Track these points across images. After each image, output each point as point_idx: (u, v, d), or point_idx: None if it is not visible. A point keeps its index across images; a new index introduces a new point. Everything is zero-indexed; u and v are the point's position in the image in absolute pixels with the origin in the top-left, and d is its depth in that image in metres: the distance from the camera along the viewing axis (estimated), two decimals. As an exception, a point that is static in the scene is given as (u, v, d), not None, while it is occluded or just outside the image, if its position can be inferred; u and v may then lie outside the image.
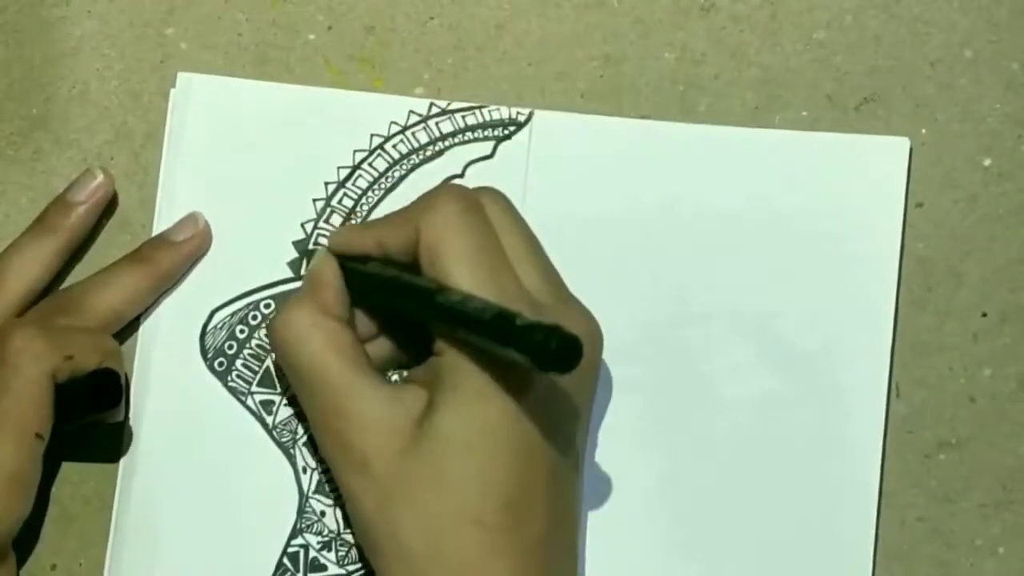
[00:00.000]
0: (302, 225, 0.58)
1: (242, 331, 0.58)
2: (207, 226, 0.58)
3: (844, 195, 0.58)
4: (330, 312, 0.53)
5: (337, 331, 0.52)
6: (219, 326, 0.58)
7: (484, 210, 0.52)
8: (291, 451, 0.58)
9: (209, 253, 0.58)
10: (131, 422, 0.57)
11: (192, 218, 0.58)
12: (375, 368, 0.53)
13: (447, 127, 0.59)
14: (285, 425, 0.58)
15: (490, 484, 0.49)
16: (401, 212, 0.53)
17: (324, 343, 0.52)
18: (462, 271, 0.50)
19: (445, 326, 0.50)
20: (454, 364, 0.50)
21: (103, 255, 0.59)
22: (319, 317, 0.52)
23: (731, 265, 0.58)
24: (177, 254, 0.57)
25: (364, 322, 0.55)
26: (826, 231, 0.58)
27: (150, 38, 0.60)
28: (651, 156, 0.58)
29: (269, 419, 0.58)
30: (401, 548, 0.50)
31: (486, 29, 0.60)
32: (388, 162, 0.59)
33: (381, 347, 0.55)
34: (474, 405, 0.49)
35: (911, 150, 0.58)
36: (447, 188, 0.53)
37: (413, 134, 0.59)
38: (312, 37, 0.60)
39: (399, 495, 0.50)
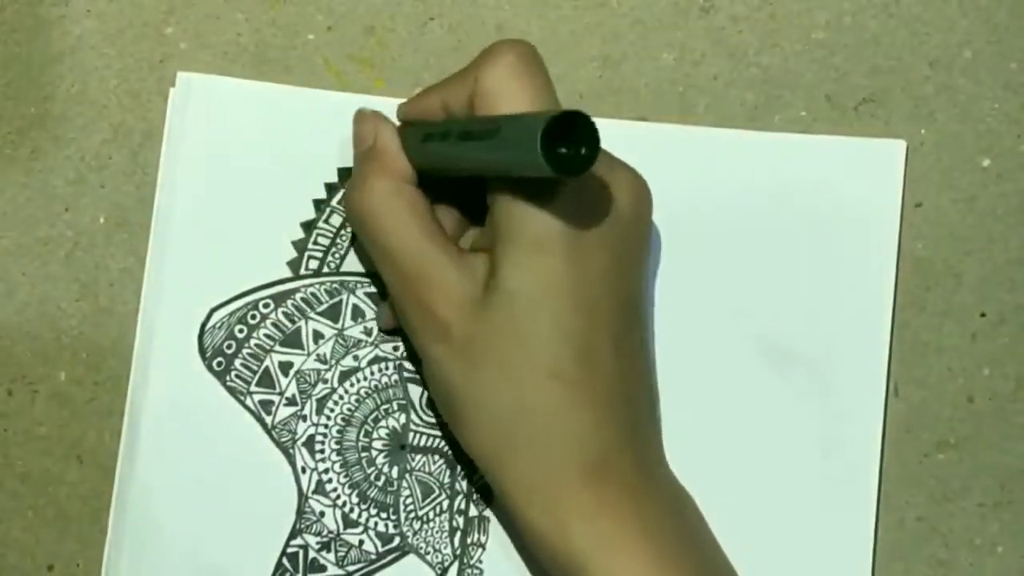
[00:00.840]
0: (301, 225, 0.58)
1: (241, 331, 0.58)
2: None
3: (841, 197, 0.58)
4: (405, 178, 0.53)
5: (416, 197, 0.53)
6: (218, 325, 0.58)
7: (541, 58, 0.52)
8: (290, 451, 0.57)
9: (208, 253, 0.58)
10: (129, 421, 0.57)
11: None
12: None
13: (446, 127, 0.59)
14: (284, 425, 0.58)
15: (562, 336, 0.50)
16: (461, 71, 0.53)
17: (406, 210, 0.52)
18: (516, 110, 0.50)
19: (497, 182, 0.50)
20: (509, 217, 0.50)
21: (101, 254, 0.59)
22: (398, 184, 0.53)
23: (729, 266, 0.58)
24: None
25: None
26: (824, 233, 0.58)
27: (149, 37, 0.60)
28: (649, 158, 0.58)
29: (268, 419, 0.58)
30: (487, 410, 0.51)
31: (486, 30, 0.60)
32: (388, 162, 0.59)
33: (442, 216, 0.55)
34: (533, 256, 0.50)
35: (908, 152, 0.58)
36: (505, 40, 0.53)
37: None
38: (311, 37, 0.60)
39: (480, 358, 0.50)
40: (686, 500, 0.54)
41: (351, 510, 0.57)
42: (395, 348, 0.58)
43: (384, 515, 0.57)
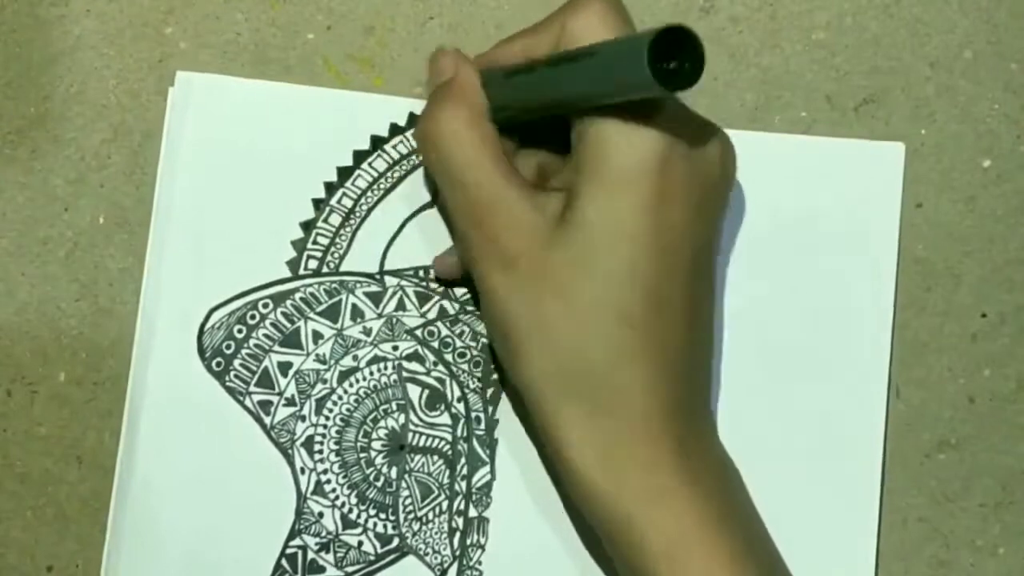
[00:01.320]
0: (300, 225, 0.58)
1: (240, 331, 0.58)
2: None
3: (841, 199, 0.58)
4: (479, 111, 0.53)
5: (490, 131, 0.53)
6: (217, 326, 0.58)
7: (625, 8, 0.52)
8: (289, 452, 0.57)
9: (207, 252, 0.58)
10: (128, 421, 0.57)
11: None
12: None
13: (446, 127, 0.59)
14: (283, 425, 0.58)
15: (635, 277, 0.50)
16: (544, 20, 0.53)
17: (479, 141, 0.52)
18: None
19: (583, 116, 0.50)
20: (595, 150, 0.50)
21: (100, 254, 0.59)
22: (473, 115, 0.53)
23: (729, 267, 0.58)
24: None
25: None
26: (824, 234, 0.58)
27: (149, 37, 0.60)
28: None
29: (267, 419, 0.58)
30: (548, 341, 0.50)
31: (485, 29, 0.60)
32: (387, 162, 0.59)
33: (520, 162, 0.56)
34: (617, 192, 0.49)
35: (908, 153, 0.58)
36: None
37: (413, 135, 0.59)
38: (311, 37, 0.60)
39: (547, 289, 0.50)
40: (734, 470, 0.54)
41: (350, 511, 0.57)
42: (394, 348, 0.58)
43: (383, 516, 0.57)
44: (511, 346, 0.52)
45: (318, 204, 0.58)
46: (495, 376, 0.58)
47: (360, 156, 0.59)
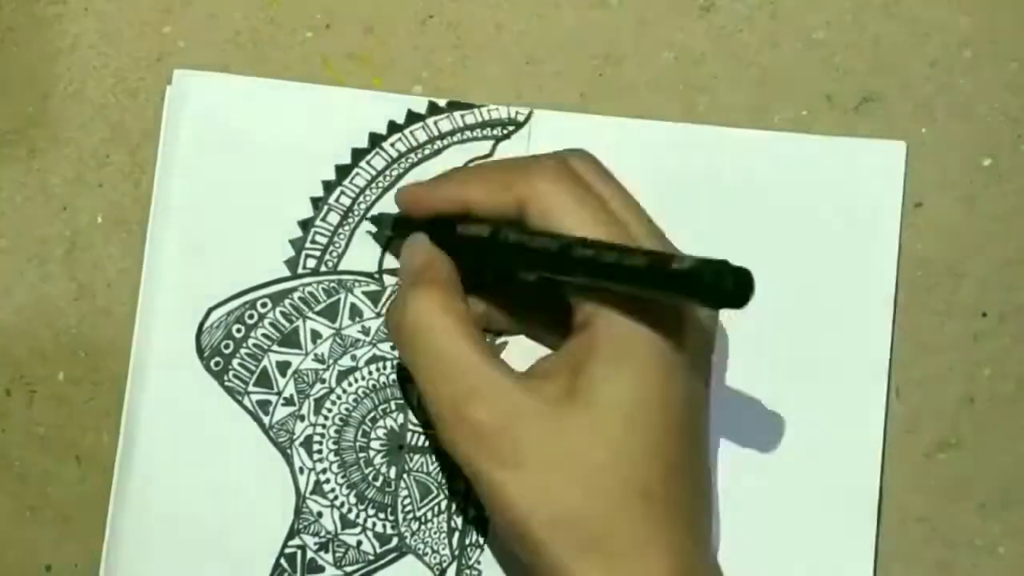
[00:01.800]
0: (299, 224, 0.58)
1: (239, 330, 0.58)
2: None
3: (842, 197, 0.58)
4: (453, 296, 0.52)
5: (464, 315, 0.51)
6: (216, 325, 0.58)
7: (579, 175, 0.52)
8: (288, 451, 0.57)
9: (205, 252, 0.58)
10: (127, 421, 0.57)
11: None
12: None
13: (445, 126, 0.59)
14: (282, 425, 0.58)
15: (653, 453, 0.49)
16: (494, 176, 0.52)
17: (455, 328, 0.50)
18: (582, 230, 0.50)
19: (584, 294, 0.50)
20: (606, 335, 0.49)
21: (99, 254, 0.59)
22: (445, 301, 0.51)
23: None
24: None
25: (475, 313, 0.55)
26: (824, 233, 0.58)
27: (147, 36, 0.60)
28: (649, 156, 0.58)
29: (266, 419, 0.58)
30: (572, 532, 0.48)
31: (485, 28, 0.60)
32: (386, 160, 0.59)
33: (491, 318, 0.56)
34: (636, 374, 0.49)
35: (908, 152, 0.58)
36: (543, 162, 0.52)
37: (411, 133, 0.59)
38: (310, 35, 0.60)
39: (568, 478, 0.48)
40: None
41: (349, 510, 0.57)
42: (393, 348, 0.58)
43: (382, 515, 0.57)
44: (527, 541, 0.49)
45: (316, 203, 0.58)
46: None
47: (358, 154, 0.59)
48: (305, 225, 0.58)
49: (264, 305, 0.58)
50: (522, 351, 0.56)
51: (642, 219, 0.52)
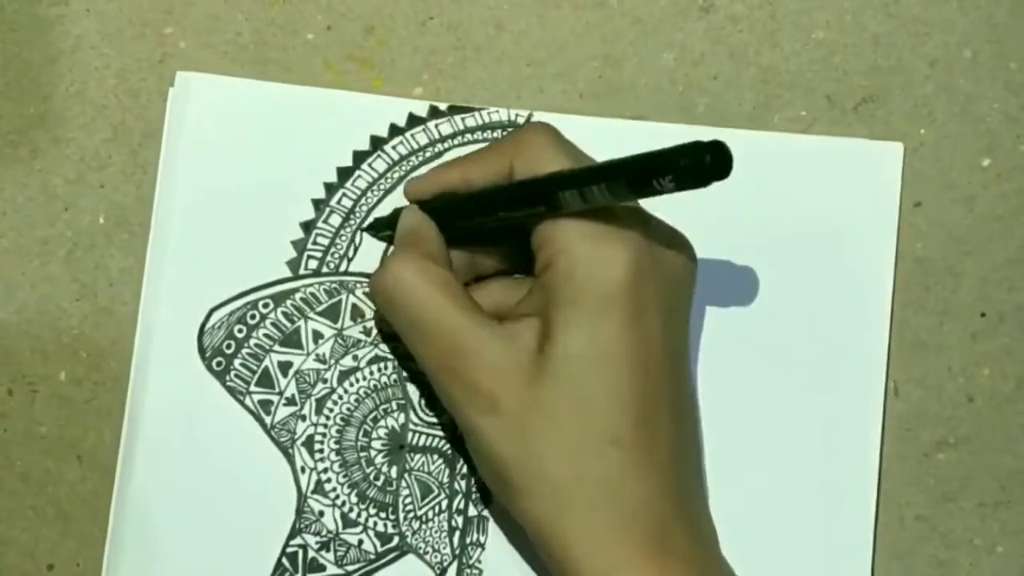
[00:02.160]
0: (300, 225, 0.58)
1: (240, 330, 0.58)
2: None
3: (840, 198, 0.58)
4: (433, 259, 0.53)
5: (444, 276, 0.52)
6: (217, 325, 0.58)
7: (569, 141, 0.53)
8: (289, 451, 0.57)
9: (207, 252, 0.58)
10: (129, 421, 0.57)
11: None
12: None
13: (446, 129, 0.59)
14: (283, 425, 0.58)
15: (623, 400, 0.50)
16: (489, 151, 0.54)
17: (434, 287, 0.52)
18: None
19: (550, 234, 0.50)
20: (566, 274, 0.50)
21: (101, 254, 0.59)
22: (424, 263, 0.53)
23: (727, 265, 0.58)
24: None
25: (460, 266, 0.55)
26: (822, 233, 0.58)
27: (149, 37, 0.60)
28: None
29: (267, 419, 0.58)
30: (543, 479, 0.50)
31: (485, 29, 0.60)
32: (387, 163, 0.59)
33: (484, 290, 0.56)
34: (596, 317, 0.49)
35: (907, 152, 0.58)
36: (533, 127, 0.53)
37: (412, 136, 0.59)
38: (311, 37, 0.60)
39: (537, 425, 0.50)
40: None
41: (350, 510, 0.57)
42: (395, 348, 0.58)
43: (383, 515, 0.57)
44: (503, 483, 0.51)
45: (318, 204, 0.59)
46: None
47: (360, 157, 0.59)
48: (307, 226, 0.58)
49: (266, 305, 0.58)
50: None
51: None
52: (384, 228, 0.58)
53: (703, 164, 0.45)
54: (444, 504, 0.57)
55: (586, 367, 0.49)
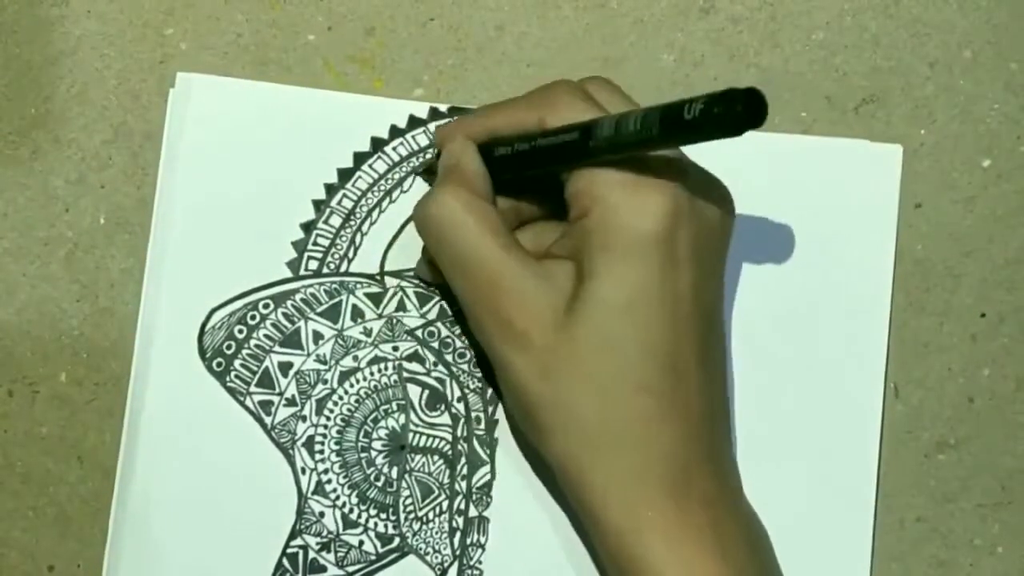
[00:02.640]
0: (301, 226, 0.58)
1: (241, 331, 0.58)
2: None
3: (838, 199, 0.58)
4: (479, 194, 0.53)
5: (489, 211, 0.53)
6: (218, 326, 0.58)
7: (590, 93, 0.53)
8: (290, 451, 0.57)
9: (207, 253, 0.58)
10: (129, 422, 0.57)
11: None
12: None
13: (446, 129, 0.59)
14: (284, 425, 0.58)
15: (650, 347, 0.50)
16: (517, 103, 0.54)
17: (478, 222, 0.52)
18: None
19: (586, 182, 0.50)
20: (600, 221, 0.50)
21: (101, 255, 0.59)
22: (471, 197, 0.53)
23: (728, 266, 0.58)
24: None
25: (503, 209, 0.55)
26: (821, 234, 0.58)
27: (149, 38, 0.60)
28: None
29: (268, 419, 0.58)
30: (571, 417, 0.51)
31: (486, 30, 0.60)
32: (388, 164, 0.59)
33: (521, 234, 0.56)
34: (628, 264, 0.50)
35: (907, 153, 0.58)
36: (561, 84, 0.54)
37: (413, 137, 0.59)
38: (312, 38, 0.60)
39: (566, 365, 0.50)
40: (761, 530, 0.54)
41: (351, 511, 0.57)
42: (394, 349, 0.58)
43: (384, 516, 0.57)
44: (530, 419, 0.52)
45: (318, 205, 0.59)
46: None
47: (360, 158, 0.59)
48: (307, 227, 0.58)
49: (266, 306, 0.58)
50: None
51: None
52: (426, 167, 0.58)
53: (735, 112, 0.45)
54: (445, 505, 0.57)
55: (616, 313, 0.50)
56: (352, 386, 0.58)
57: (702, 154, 0.57)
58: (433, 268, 0.56)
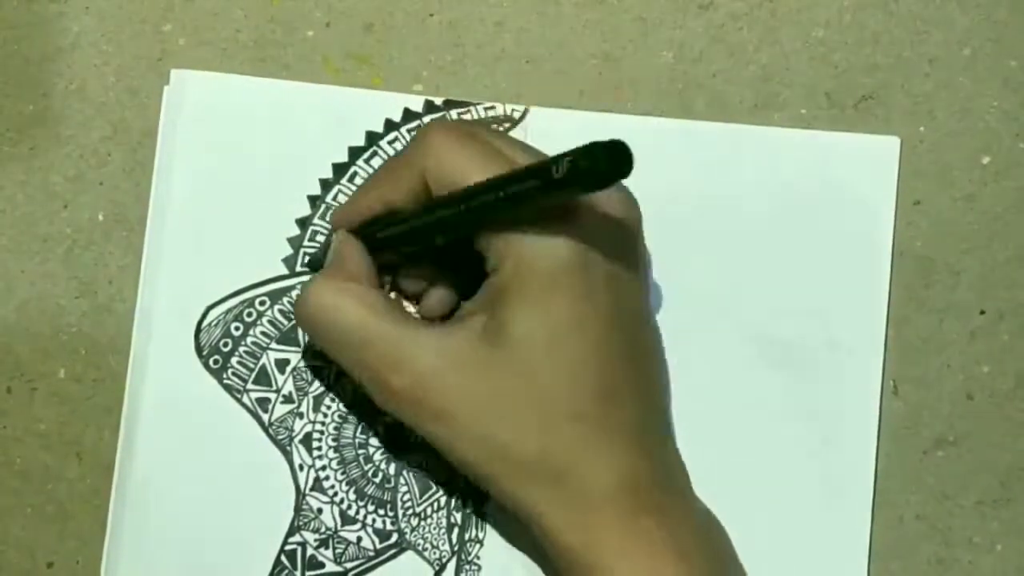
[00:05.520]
0: (297, 222, 0.58)
1: (237, 328, 0.58)
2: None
3: (836, 192, 0.58)
4: (353, 279, 0.53)
5: (365, 292, 0.53)
6: (214, 323, 0.58)
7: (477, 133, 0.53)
8: (287, 448, 0.57)
9: (204, 250, 0.58)
10: (127, 419, 0.57)
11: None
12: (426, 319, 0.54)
13: (443, 124, 0.59)
14: (281, 422, 0.58)
15: (581, 375, 0.50)
16: (397, 164, 0.54)
17: (356, 305, 0.52)
18: (471, 170, 0.51)
19: (493, 236, 0.50)
20: (513, 271, 0.50)
21: (100, 251, 0.59)
22: (343, 283, 0.53)
23: (723, 262, 0.58)
24: None
25: (412, 282, 0.56)
26: (819, 228, 0.58)
27: (148, 34, 0.60)
28: (646, 153, 0.58)
29: (265, 416, 0.58)
30: (508, 463, 0.50)
31: (485, 26, 0.60)
32: (383, 158, 0.59)
33: (437, 297, 0.56)
34: (545, 299, 0.50)
35: (906, 149, 0.58)
36: (432, 126, 0.53)
37: (408, 131, 0.59)
38: (310, 34, 0.60)
39: (493, 416, 0.50)
40: (718, 530, 0.54)
41: (349, 507, 0.57)
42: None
43: (382, 512, 0.57)
44: (480, 474, 0.52)
45: (314, 201, 0.59)
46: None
47: (355, 152, 0.59)
48: (303, 223, 0.58)
49: (263, 303, 0.58)
50: None
51: (521, 147, 0.53)
52: (321, 263, 0.58)
53: (598, 169, 0.45)
54: (443, 501, 0.57)
55: (539, 349, 0.50)
56: (350, 382, 0.58)
57: (697, 151, 0.58)
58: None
